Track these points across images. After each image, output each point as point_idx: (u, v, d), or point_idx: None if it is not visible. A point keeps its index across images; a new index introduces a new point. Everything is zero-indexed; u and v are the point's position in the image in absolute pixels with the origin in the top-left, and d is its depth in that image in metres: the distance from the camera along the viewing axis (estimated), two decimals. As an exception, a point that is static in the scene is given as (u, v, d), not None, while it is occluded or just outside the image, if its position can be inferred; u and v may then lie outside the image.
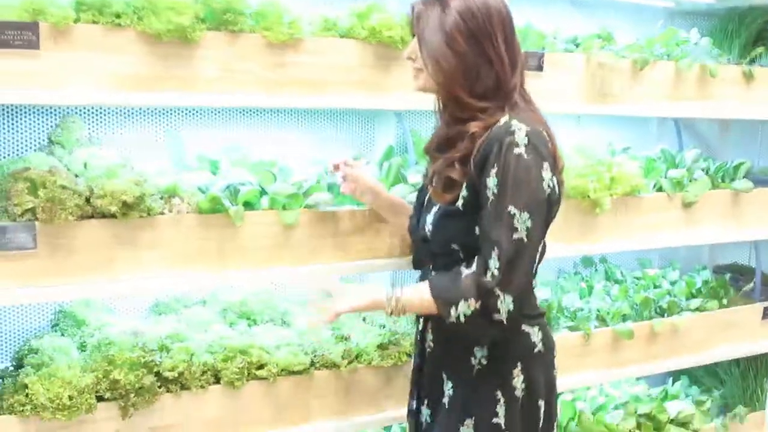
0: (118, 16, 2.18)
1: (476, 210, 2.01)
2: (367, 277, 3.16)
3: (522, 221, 1.93)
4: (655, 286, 3.65)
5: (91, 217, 2.18)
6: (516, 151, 1.95)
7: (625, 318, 3.32)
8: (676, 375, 3.92)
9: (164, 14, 2.19)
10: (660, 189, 3.35)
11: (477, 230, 2.02)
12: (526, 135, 1.97)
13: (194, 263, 2.33)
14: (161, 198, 2.29)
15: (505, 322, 1.95)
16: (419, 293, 2.06)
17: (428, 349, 2.24)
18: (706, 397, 3.81)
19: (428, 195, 2.21)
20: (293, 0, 2.48)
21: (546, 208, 2.01)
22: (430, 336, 2.23)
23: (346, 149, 3.04)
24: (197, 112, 2.85)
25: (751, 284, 3.81)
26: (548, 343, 2.20)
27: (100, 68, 2.17)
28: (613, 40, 3.25)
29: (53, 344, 2.38)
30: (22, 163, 2.22)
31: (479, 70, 2.01)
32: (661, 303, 3.47)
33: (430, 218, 2.16)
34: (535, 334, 2.15)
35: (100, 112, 2.69)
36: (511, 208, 1.94)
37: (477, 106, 2.02)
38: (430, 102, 2.66)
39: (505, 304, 1.93)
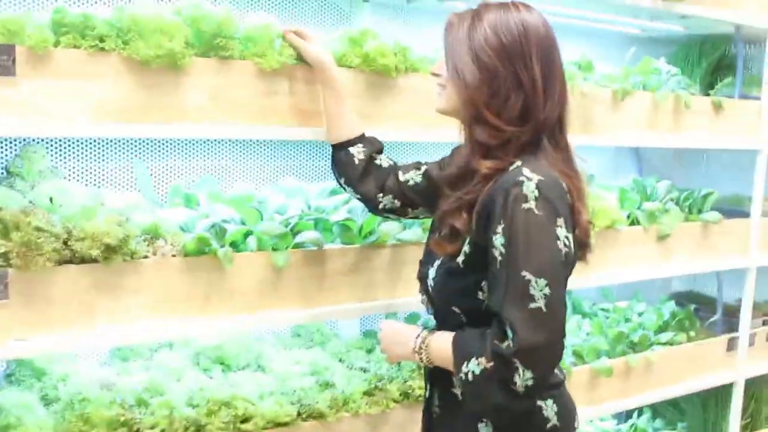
0: (101, 39, 1.97)
1: (479, 269, 1.79)
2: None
3: (539, 288, 1.67)
4: (626, 320, 3.58)
5: (69, 262, 1.96)
6: (525, 206, 1.70)
7: (599, 354, 3.23)
8: (639, 409, 3.86)
9: (153, 38, 1.99)
10: (634, 221, 3.29)
11: (481, 294, 1.81)
12: (537, 186, 1.72)
13: (180, 309, 2.12)
14: (143, 239, 2.08)
15: (520, 395, 1.69)
16: (444, 342, 1.84)
17: (434, 416, 2.03)
18: (672, 430, 3.78)
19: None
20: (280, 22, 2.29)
21: (564, 270, 1.76)
22: (436, 402, 2.01)
23: (324, 179, 2.87)
24: (167, 141, 2.64)
25: (716, 316, 3.81)
26: (566, 416, 1.91)
27: (82, 96, 1.94)
28: (593, 70, 3.16)
29: (17, 400, 2.13)
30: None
31: (508, 93, 1.78)
32: (632, 337, 3.40)
33: (432, 272, 1.93)
34: (548, 408, 1.88)
35: (65, 142, 2.45)
36: (525, 274, 1.68)
37: (506, 129, 1.78)
38: (418, 134, 2.54)
39: (523, 378, 1.67)
